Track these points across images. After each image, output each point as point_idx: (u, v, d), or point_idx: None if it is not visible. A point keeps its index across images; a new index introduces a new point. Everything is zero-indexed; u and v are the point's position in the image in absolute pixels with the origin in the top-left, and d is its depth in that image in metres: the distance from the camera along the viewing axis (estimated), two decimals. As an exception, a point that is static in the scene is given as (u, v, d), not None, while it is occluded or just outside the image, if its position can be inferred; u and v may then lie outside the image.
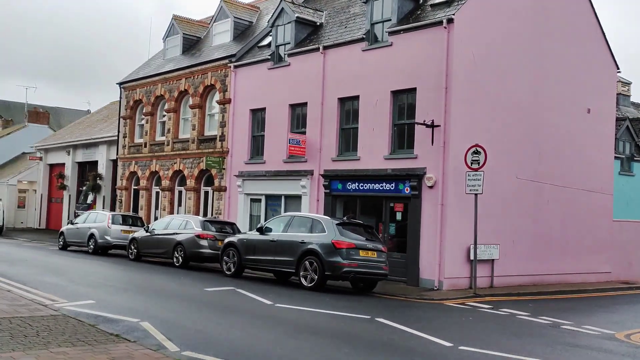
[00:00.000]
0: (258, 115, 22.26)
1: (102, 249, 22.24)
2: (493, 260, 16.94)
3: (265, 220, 18.72)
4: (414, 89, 16.99)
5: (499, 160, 16.96)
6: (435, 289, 15.75)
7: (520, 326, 11.19)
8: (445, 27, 16.18)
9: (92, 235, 22.32)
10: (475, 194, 15.41)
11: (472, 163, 15.52)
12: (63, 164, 37.22)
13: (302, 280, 14.46)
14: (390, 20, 17.96)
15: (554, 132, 19.21)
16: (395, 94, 17.59)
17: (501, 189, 17.28)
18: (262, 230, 15.92)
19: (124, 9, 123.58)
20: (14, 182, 42.80)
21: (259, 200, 21.84)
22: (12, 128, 54.12)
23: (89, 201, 32.92)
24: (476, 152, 15.51)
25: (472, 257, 15.85)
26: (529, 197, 18.27)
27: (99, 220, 22.73)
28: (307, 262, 14.40)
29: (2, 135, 52.06)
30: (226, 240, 16.97)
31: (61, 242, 24.17)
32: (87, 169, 34.79)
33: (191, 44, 27.79)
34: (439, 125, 16.13)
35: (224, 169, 23.14)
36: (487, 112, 17.09)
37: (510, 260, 17.43)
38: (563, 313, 13.23)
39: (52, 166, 39.52)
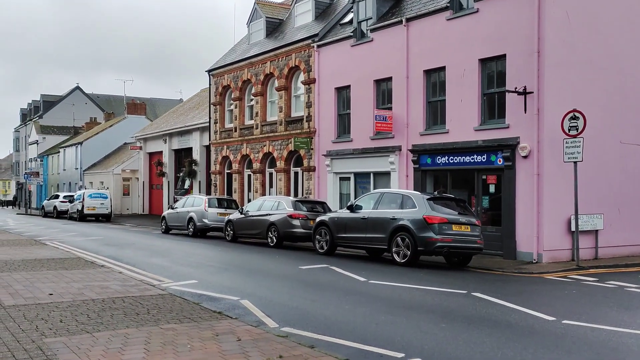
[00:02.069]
0: (343, 94, 22.25)
1: (200, 232, 23.31)
2: (597, 230, 16.06)
3: (355, 198, 18.78)
4: (503, 56, 16.28)
5: (599, 125, 15.96)
6: (533, 262, 15.19)
7: (630, 299, 10.57)
8: (535, -12, 15.31)
9: (191, 219, 23.45)
10: (575, 162, 14.62)
11: (569, 129, 14.71)
12: (161, 152, 39.21)
13: (395, 256, 14.44)
14: (475, -15, 17.23)
15: (661, 91, 17.75)
16: (483, 62, 16.94)
17: (603, 155, 16.27)
18: (352, 208, 16.01)
19: (207, 2, 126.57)
20: (118, 172, 45.75)
21: (348, 179, 21.94)
22: (113, 120, 57.64)
23: (186, 186, 34.54)
24: (574, 118, 14.67)
25: (573, 229, 15.11)
26: (635, 162, 17.08)
27: (196, 204, 23.82)
28: (399, 239, 14.34)
29: (105, 127, 55.64)
30: (318, 219, 17.23)
31: (163, 227, 25.59)
32: (182, 156, 36.44)
33: (274, 27, 28.15)
34: (532, 92, 15.38)
35: (312, 149, 23.42)
36: (585, 74, 16.07)
37: (616, 230, 16.44)
38: (678, 285, 12.33)
39: (151, 155, 41.76)
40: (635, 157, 17.08)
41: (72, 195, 40.08)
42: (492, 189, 16.82)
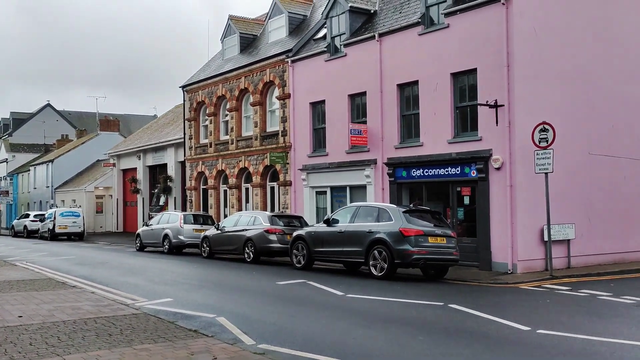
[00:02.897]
0: (318, 108, 22.34)
1: (176, 249, 23.05)
2: (569, 240, 16.32)
3: (332, 212, 18.80)
4: (474, 70, 16.56)
5: (568, 137, 16.28)
6: (508, 272, 15.35)
7: (602, 307, 10.74)
8: (503, 3, 15.65)
9: (166, 236, 23.17)
10: (546, 173, 14.88)
11: (540, 141, 14.98)
12: (135, 169, 38.78)
13: (372, 269, 14.45)
14: (445, 1, 17.55)
15: (627, 102, 18.22)
16: (455, 76, 17.20)
17: (573, 166, 16.59)
18: (329, 222, 16.01)
19: (178, 16, 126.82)
20: (91, 189, 45.06)
21: (324, 193, 21.96)
22: (85, 137, 56.88)
23: (161, 203, 34.18)
24: (544, 130, 14.95)
25: (546, 238, 15.33)
26: (603, 173, 17.44)
27: (171, 220, 23.57)
28: (375, 252, 14.37)
29: (77, 144, 54.84)
30: (294, 233, 17.18)
31: (138, 244, 25.23)
32: (157, 172, 36.09)
33: (248, 43, 28.21)
34: (503, 105, 15.65)
35: (287, 163, 23.41)
36: (553, 87, 16.42)
37: (588, 240, 16.73)
38: (648, 292, 12.57)
39: (124, 171, 41.27)
40: (604, 167, 17.45)
41: (43, 214, 39.30)
42: (466, 200, 17.00)
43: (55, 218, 34.93)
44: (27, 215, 41.91)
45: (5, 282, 13.46)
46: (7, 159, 66.02)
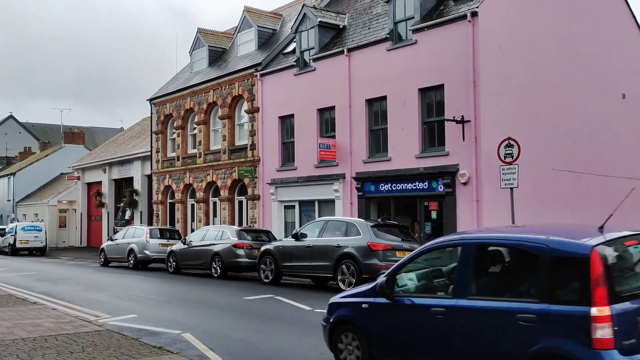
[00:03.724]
0: (287, 122, 22.35)
1: (142, 264, 22.61)
2: (533, 254, 16.56)
3: (300, 227, 18.73)
4: (442, 86, 16.81)
5: (533, 152, 16.62)
6: (475, 286, 15.48)
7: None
8: (469, 21, 15.98)
9: (131, 251, 22.73)
10: (511, 188, 15.12)
11: (505, 157, 15.23)
12: (100, 182, 38.06)
13: (340, 284, 14.40)
14: (413, 18, 17.83)
15: (588, 120, 18.74)
16: (423, 91, 17.43)
17: (538, 181, 16.92)
18: (297, 237, 15.94)
19: (145, 28, 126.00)
20: (54, 203, 43.98)
21: (293, 207, 21.89)
22: (49, 150, 55.64)
23: (126, 217, 33.55)
24: (509, 145, 15.20)
25: (511, 252, 15.52)
26: (566, 187, 17.85)
27: (137, 235, 23.14)
28: (344, 266, 14.35)
29: (40, 157, 53.58)
30: (262, 248, 17.04)
31: (102, 259, 24.68)
32: (123, 186, 35.47)
33: (217, 56, 28.11)
34: (469, 121, 15.91)
35: (256, 177, 23.29)
36: (518, 103, 16.78)
37: (552, 254, 17.00)
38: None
39: (89, 185, 40.45)
40: (567, 182, 17.85)
41: (4, 229, 38.13)
42: (434, 215, 17.15)
43: (16, 232, 33.94)
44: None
45: (-39, 299, 12.96)
46: (-34, 171, 64.08)
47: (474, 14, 15.92)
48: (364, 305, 6.61)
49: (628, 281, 5.26)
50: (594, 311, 4.78)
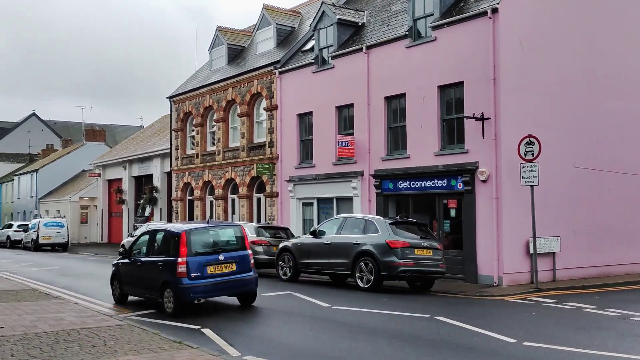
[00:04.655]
0: (305, 120, 22.37)
1: (161, 260, 22.76)
2: (554, 253, 16.40)
3: (318, 224, 18.75)
4: (461, 83, 16.70)
5: (554, 150, 16.44)
6: (494, 285, 15.39)
7: (587, 319, 10.79)
8: (490, 17, 15.84)
9: (151, 247, 22.89)
10: (531, 186, 14.99)
11: (525, 154, 15.11)
12: (120, 179, 38.48)
13: (358, 281, 14.41)
14: (432, 14, 17.72)
15: (612, 117, 18.45)
16: (442, 88, 17.33)
17: (559, 179, 16.73)
18: (315, 234, 15.96)
19: (164, 26, 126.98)
20: (75, 199, 44.58)
21: (311, 204, 21.93)
22: (71, 147, 56.38)
23: (146, 214, 33.88)
24: (529, 143, 15.09)
25: (531, 251, 15.41)
26: (588, 185, 17.61)
27: (157, 231, 23.29)
28: (362, 264, 14.34)
29: (62, 154, 54.34)
30: (281, 245, 17.10)
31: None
32: (143, 183, 35.82)
33: (236, 54, 28.23)
34: (489, 118, 15.78)
35: (274, 174, 23.37)
36: (539, 100, 16.60)
37: (573, 253, 16.83)
38: (632, 304, 12.67)
39: (110, 182, 40.93)
40: (588, 180, 17.61)
41: (27, 224, 38.78)
42: (452, 213, 17.06)
43: (39, 228, 34.47)
44: (11, 226, 41.32)
45: (-14, 293, 13.22)
46: (-10, 168, 65.22)
47: (495, 11, 15.78)
48: (120, 263, 12.94)
49: (200, 246, 11.36)
50: (179, 260, 10.89)
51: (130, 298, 12.63)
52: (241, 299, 12.07)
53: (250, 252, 11.99)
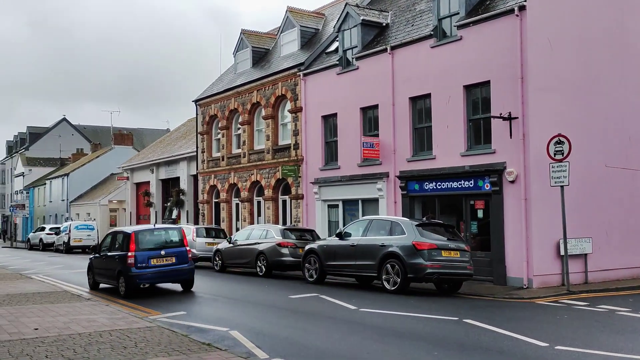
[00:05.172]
0: (330, 121, 22.37)
1: (189, 262, 23.01)
2: (586, 254, 16.09)
3: (344, 226, 18.72)
4: (488, 82, 16.50)
5: (584, 149, 16.14)
6: (524, 287, 15.16)
7: (621, 322, 10.55)
8: (517, 15, 15.62)
9: (178, 249, 23.15)
10: (561, 186, 14.73)
11: (555, 154, 14.86)
12: (148, 182, 38.98)
13: (385, 283, 14.34)
14: (458, 13, 17.56)
15: (643, 115, 18.03)
16: (468, 88, 17.15)
17: (590, 179, 16.41)
18: (341, 236, 15.94)
19: (190, 31, 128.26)
20: (105, 202, 45.35)
21: (336, 206, 21.91)
22: (100, 151, 57.38)
23: (173, 216, 34.26)
24: (559, 142, 14.83)
25: (562, 253, 15.14)
26: (620, 185, 17.23)
27: (184, 234, 23.56)
28: (388, 265, 14.27)
29: (92, 158, 55.33)
30: (307, 247, 17.12)
31: (151, 257, 25.22)
32: (170, 186, 36.22)
33: (260, 56, 28.38)
34: (517, 117, 15.56)
35: (299, 176, 23.41)
36: (569, 99, 16.31)
37: (605, 254, 16.49)
38: (668, 307, 12.35)
39: (138, 185, 41.47)
40: (620, 180, 17.25)
41: (59, 227, 39.59)
42: (480, 214, 16.86)
43: (70, 231, 35.18)
44: (43, 229, 42.24)
45: (22, 295, 13.52)
46: (23, 172, 66.74)
47: (522, 8, 15.56)
48: (93, 258, 16.27)
49: (146, 243, 14.33)
50: (129, 254, 13.91)
51: (102, 286, 15.90)
52: (182, 285, 15.10)
53: (188, 248, 14.96)
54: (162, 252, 14.26)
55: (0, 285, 15.63)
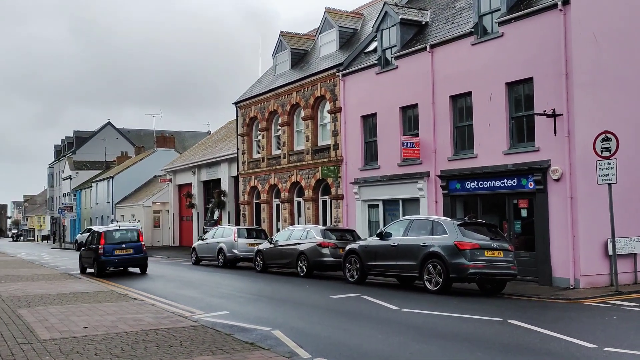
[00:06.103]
0: (369, 121, 22.31)
1: (230, 262, 23.36)
2: (635, 254, 15.59)
3: (384, 226, 18.64)
4: (531, 79, 16.17)
5: (632, 146, 15.64)
6: (570, 287, 14.79)
7: (673, 325, 10.18)
8: (560, 10, 15.26)
9: (220, 250, 23.54)
10: (609, 184, 14.31)
11: (602, 151, 14.44)
12: (190, 184, 39.69)
13: (427, 284, 14.22)
14: (499, 10, 17.27)
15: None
16: (510, 85, 16.84)
17: (638, 175, 15.88)
18: (382, 236, 15.88)
19: (229, 34, 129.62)
20: (148, 204, 46.38)
21: (377, 206, 21.83)
22: (143, 154, 58.72)
23: (215, 217, 34.78)
24: (606, 139, 14.41)
25: (610, 252, 14.71)
26: (671, 183, 16.61)
27: (226, 235, 23.93)
28: (430, 266, 14.14)
29: (135, 161, 56.68)
30: (347, 247, 17.12)
31: (194, 258, 25.73)
32: (211, 187, 36.79)
33: (299, 58, 28.53)
34: (561, 114, 15.19)
35: (339, 177, 23.43)
36: (616, 95, 15.83)
37: (655, 254, 15.92)
38: None
39: (180, 187, 42.27)
40: (672, 177, 16.61)
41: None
42: (524, 213, 16.53)
43: (115, 232, 36.08)
44: (90, 230, 43.49)
45: (71, 294, 13.97)
46: (71, 175, 68.93)
47: (566, 2, 15.18)
48: (82, 250, 22.65)
49: (112, 239, 20.70)
50: (100, 247, 20.23)
51: (88, 270, 21.36)
52: (140, 270, 21.09)
53: (143, 243, 21.21)
54: (123, 245, 20.47)
55: (51, 285, 16.18)
